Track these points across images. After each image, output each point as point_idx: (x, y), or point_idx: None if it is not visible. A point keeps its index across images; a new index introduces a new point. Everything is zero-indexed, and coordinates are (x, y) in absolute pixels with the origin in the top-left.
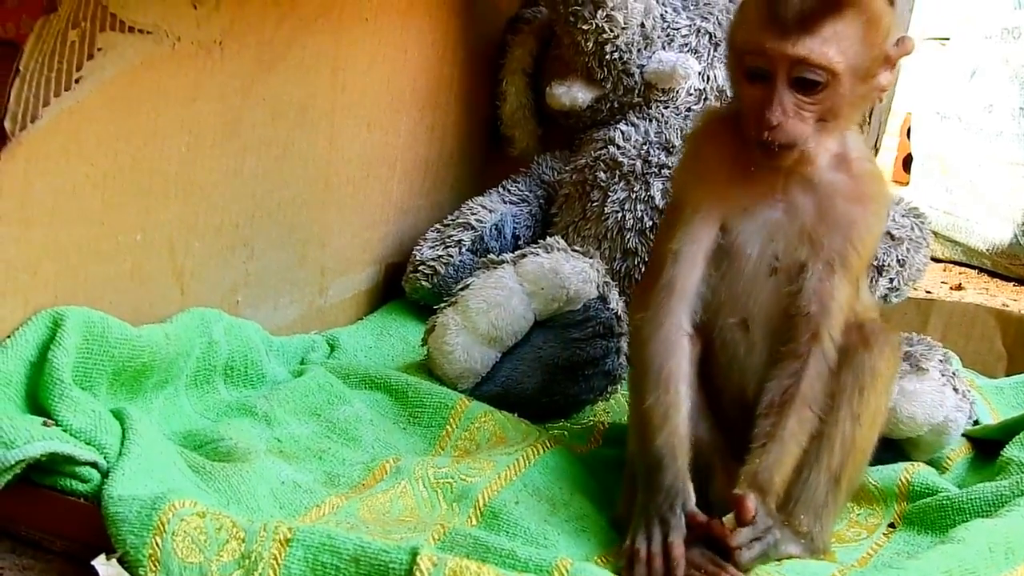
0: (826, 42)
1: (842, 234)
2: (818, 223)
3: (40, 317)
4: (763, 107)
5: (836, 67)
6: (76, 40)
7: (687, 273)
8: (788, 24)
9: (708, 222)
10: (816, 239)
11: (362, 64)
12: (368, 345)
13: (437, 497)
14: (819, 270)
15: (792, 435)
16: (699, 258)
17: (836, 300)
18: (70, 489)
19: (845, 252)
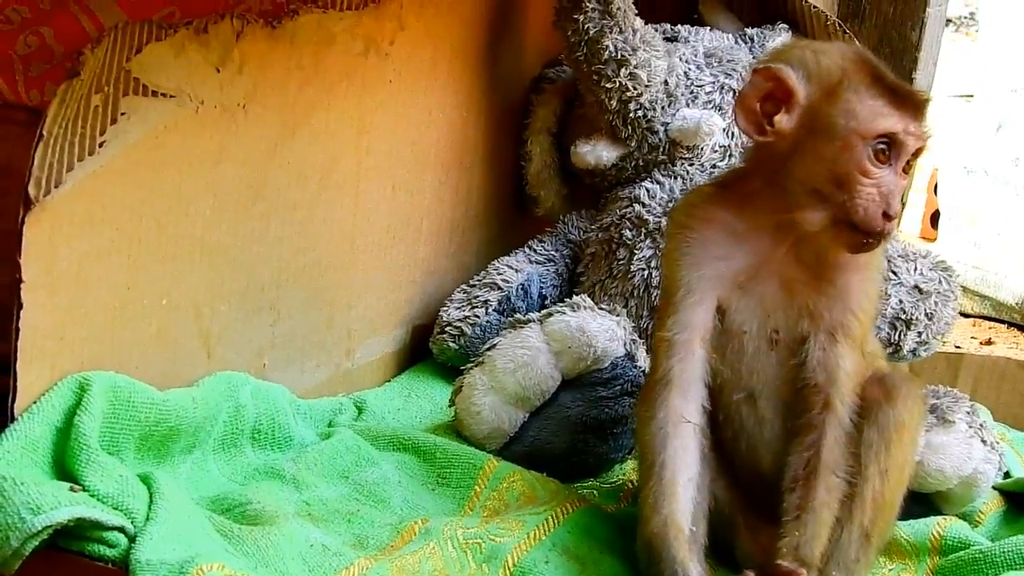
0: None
1: (841, 303)
2: (815, 295)
3: (66, 382)
4: (887, 196)
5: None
6: (99, 104)
7: (683, 363)
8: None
9: (702, 305)
10: (816, 311)
11: (386, 126)
12: (396, 407)
13: (466, 557)
14: (822, 341)
15: (824, 504)
16: (695, 344)
17: (842, 368)
18: (98, 554)
19: (846, 321)
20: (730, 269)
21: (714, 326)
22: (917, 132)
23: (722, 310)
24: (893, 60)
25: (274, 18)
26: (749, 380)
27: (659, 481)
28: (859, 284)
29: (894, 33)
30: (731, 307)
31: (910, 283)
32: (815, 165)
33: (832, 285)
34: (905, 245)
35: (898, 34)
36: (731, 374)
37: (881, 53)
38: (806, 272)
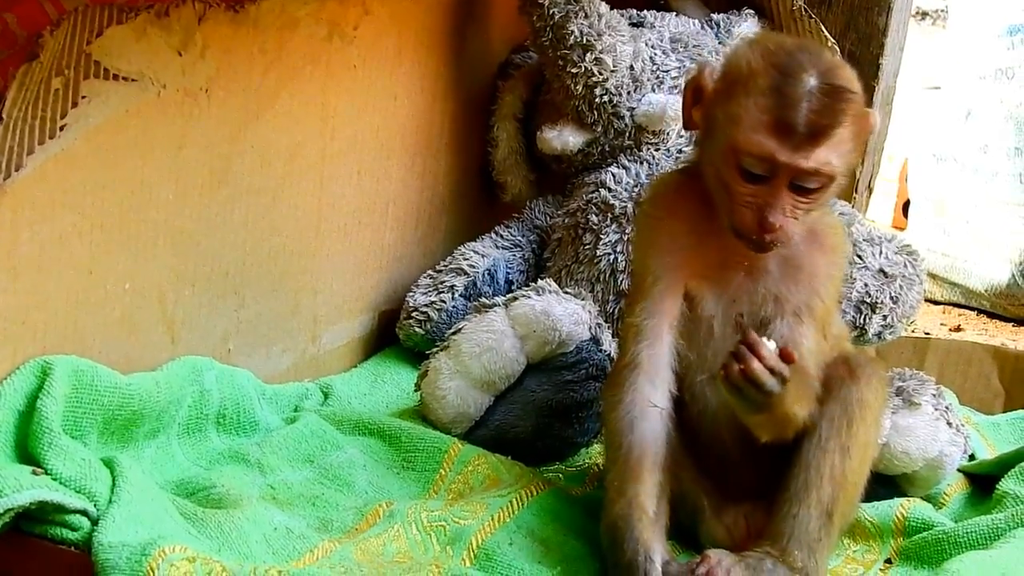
0: (829, 151)
1: (806, 286)
2: (781, 280)
3: (29, 366)
4: (762, 209)
5: (836, 173)
6: (60, 88)
7: (651, 348)
8: (799, 135)
9: (670, 292)
10: (781, 296)
11: (351, 111)
12: (362, 392)
13: (430, 540)
14: (786, 322)
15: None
16: (663, 330)
17: (805, 346)
18: (60, 537)
19: (811, 303)
20: (697, 257)
21: (682, 312)
22: (793, 162)
23: (690, 296)
24: (860, 45)
25: (236, 2)
26: (714, 362)
27: (625, 464)
28: (826, 268)
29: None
30: (699, 294)
31: (875, 267)
32: (707, 165)
33: (799, 269)
34: (871, 229)
35: (865, 20)
36: (697, 357)
37: (848, 39)
38: (772, 259)
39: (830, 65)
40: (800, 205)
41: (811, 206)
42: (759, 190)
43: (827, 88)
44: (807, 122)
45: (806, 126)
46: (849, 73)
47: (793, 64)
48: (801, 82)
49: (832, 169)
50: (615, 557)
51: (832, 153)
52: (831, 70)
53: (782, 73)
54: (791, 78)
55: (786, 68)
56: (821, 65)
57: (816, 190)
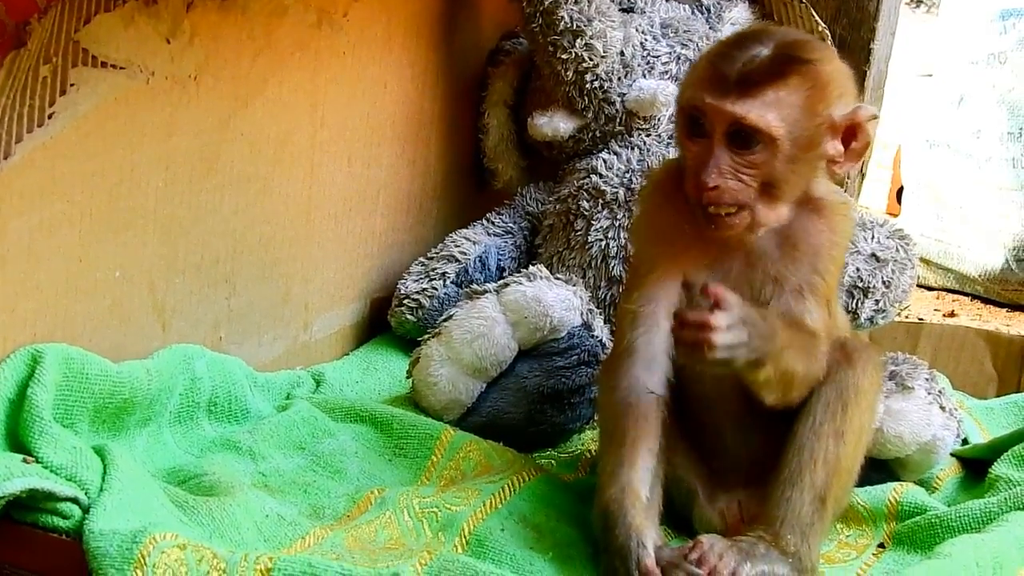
0: (766, 106)
1: (807, 265)
2: (781, 262)
3: (18, 355)
4: (699, 166)
5: (774, 131)
6: (48, 75)
7: (648, 334)
8: (730, 83)
9: (667, 280)
10: (780, 275)
11: (341, 99)
12: (354, 380)
13: (422, 526)
14: (787, 297)
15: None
16: (660, 317)
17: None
18: (51, 525)
19: (812, 280)
20: (695, 245)
21: (680, 300)
22: (719, 104)
23: (688, 285)
24: (851, 30)
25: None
26: None
27: (618, 449)
28: (828, 247)
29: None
30: (697, 282)
31: (867, 251)
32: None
33: (797, 246)
34: (863, 214)
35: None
36: None
37: (839, 24)
38: (771, 243)
39: (799, 41)
40: (742, 169)
41: (756, 171)
42: (700, 149)
43: (776, 54)
44: (740, 73)
45: (738, 75)
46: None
47: (749, 36)
48: (748, 47)
49: (768, 124)
50: (607, 542)
51: (768, 110)
52: (795, 44)
53: (734, 41)
54: (740, 43)
55: (740, 38)
56: (786, 39)
57: (756, 150)
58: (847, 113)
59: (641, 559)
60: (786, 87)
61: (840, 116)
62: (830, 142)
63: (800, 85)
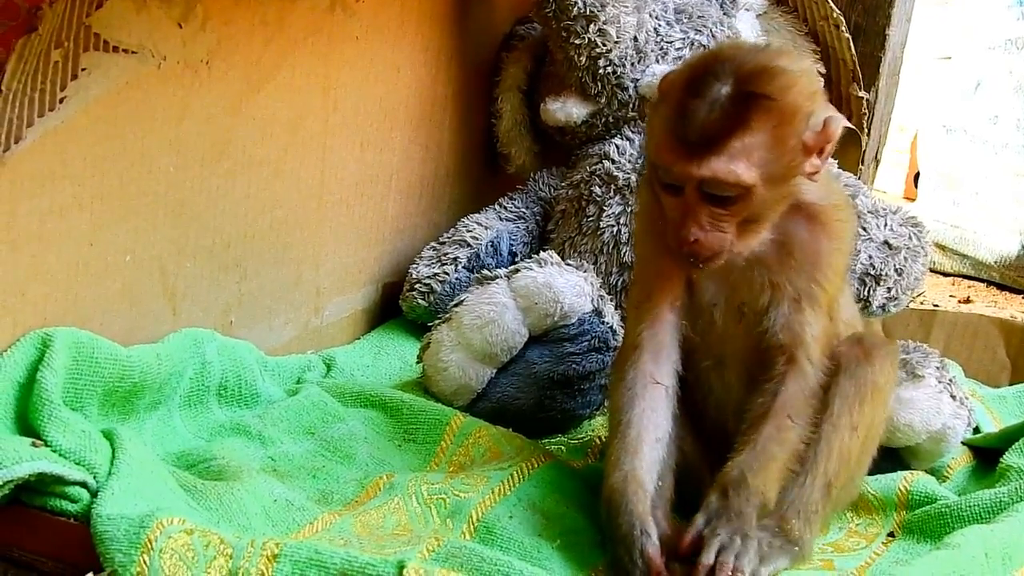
0: (733, 159)
1: (805, 273)
2: (779, 268)
3: (29, 338)
4: (679, 221)
5: (746, 182)
6: (60, 60)
7: (652, 328)
8: (692, 145)
9: (670, 275)
10: (778, 283)
11: (354, 83)
12: (365, 364)
13: (431, 512)
14: (786, 308)
15: (769, 438)
16: (663, 311)
17: (808, 332)
18: (60, 509)
19: (811, 290)
20: None
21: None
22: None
23: (691, 282)
24: (866, 17)
25: None
26: (719, 348)
27: (623, 439)
28: (827, 255)
29: None
30: (700, 282)
31: (880, 239)
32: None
33: (795, 255)
34: (875, 201)
35: None
36: (701, 343)
37: (854, 10)
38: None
39: (756, 70)
40: (722, 218)
41: (735, 218)
42: (678, 203)
43: (736, 95)
44: (700, 131)
45: (699, 135)
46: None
47: (706, 74)
48: (705, 92)
49: (738, 178)
50: (611, 530)
51: (736, 162)
52: (753, 76)
53: (691, 83)
54: (697, 88)
55: (696, 78)
56: (743, 71)
57: (733, 201)
58: (820, 132)
59: (644, 547)
60: (750, 132)
61: (813, 137)
62: (807, 161)
63: (766, 123)
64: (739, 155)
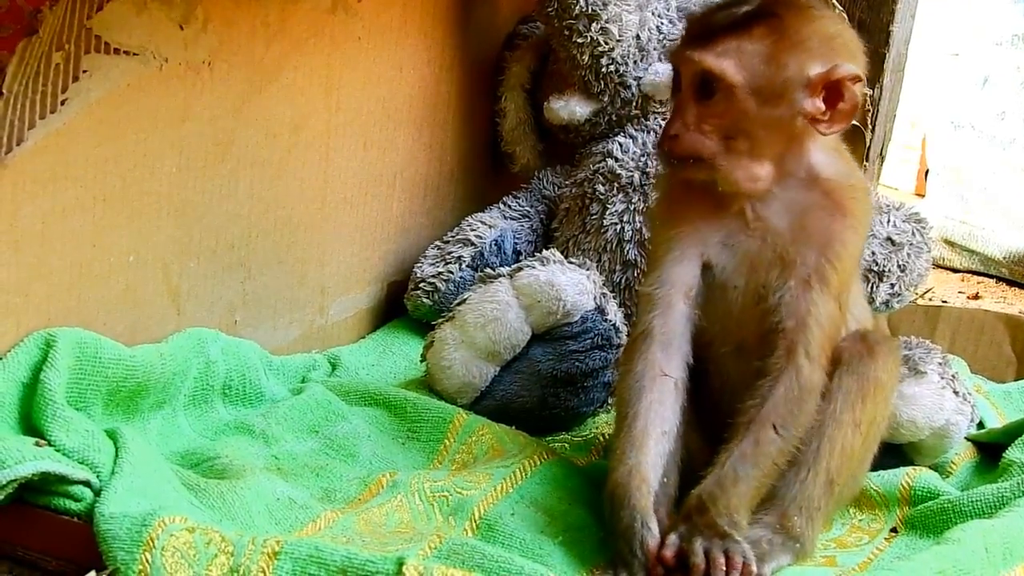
0: (724, 54)
1: (817, 250)
2: (791, 242)
3: (32, 339)
4: (669, 120)
5: (729, 77)
6: (60, 62)
7: (663, 317)
8: (694, 36)
9: (684, 261)
10: (789, 258)
11: (356, 83)
12: (370, 363)
13: (433, 510)
14: (794, 287)
15: (742, 456)
16: (675, 299)
17: (813, 316)
18: (63, 508)
19: (821, 268)
20: (712, 227)
21: (700, 283)
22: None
23: (708, 266)
24: (870, 13)
25: None
26: (738, 334)
27: (629, 432)
28: (839, 232)
29: None
30: (717, 265)
31: (883, 235)
32: None
33: (811, 232)
34: (879, 198)
35: None
36: (720, 329)
37: (857, 5)
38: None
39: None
40: (704, 119)
41: (717, 120)
42: (675, 103)
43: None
44: (705, 25)
45: (701, 28)
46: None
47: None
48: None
49: (722, 71)
50: (613, 524)
51: (725, 58)
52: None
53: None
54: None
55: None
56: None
57: (715, 99)
58: (823, 71)
59: (645, 540)
60: (748, 37)
61: (815, 73)
62: (807, 99)
63: (765, 36)
64: (731, 53)
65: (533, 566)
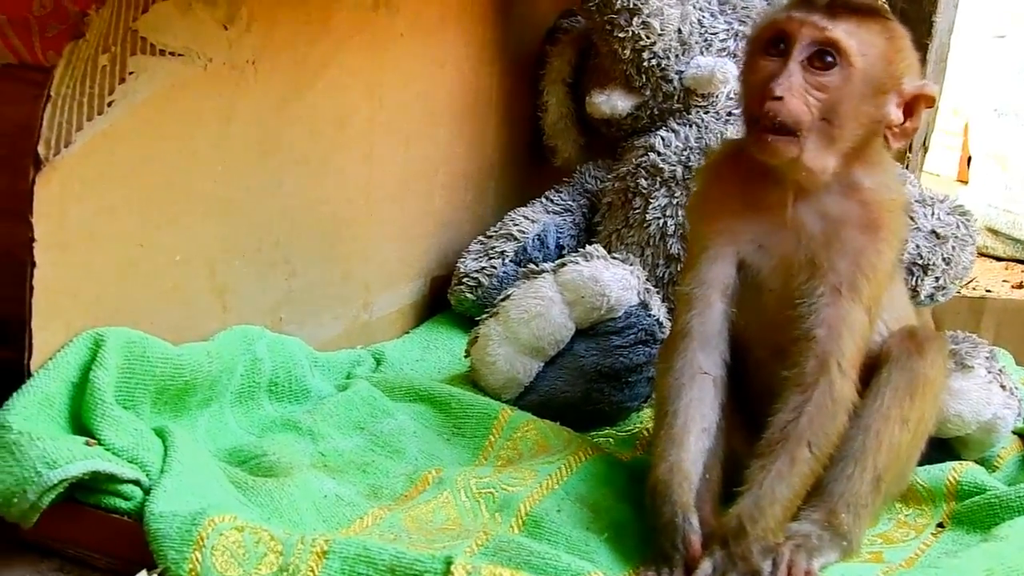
0: (851, 32)
1: (849, 260)
2: (824, 248)
3: (81, 339)
4: (771, 79)
5: (853, 55)
6: (107, 64)
7: (701, 316)
8: (822, 6)
9: (720, 260)
10: (819, 263)
11: (398, 80)
12: (414, 358)
13: (479, 507)
14: (825, 294)
15: (778, 476)
16: (713, 298)
17: (847, 326)
18: (113, 507)
19: (853, 278)
20: (748, 226)
21: (736, 283)
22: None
23: (744, 266)
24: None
25: None
26: (773, 338)
27: (669, 430)
28: (871, 244)
29: None
30: (752, 265)
31: (927, 228)
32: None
33: (839, 238)
34: (923, 190)
35: None
36: (755, 330)
37: None
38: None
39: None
40: (812, 90)
41: (824, 95)
42: (774, 66)
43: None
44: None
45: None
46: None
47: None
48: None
49: (848, 45)
50: (655, 520)
51: (853, 36)
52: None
53: None
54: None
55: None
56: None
57: (831, 72)
58: (916, 85)
59: (687, 535)
60: (869, 28)
61: (910, 85)
62: (895, 108)
63: (882, 33)
64: (856, 35)
65: (579, 563)
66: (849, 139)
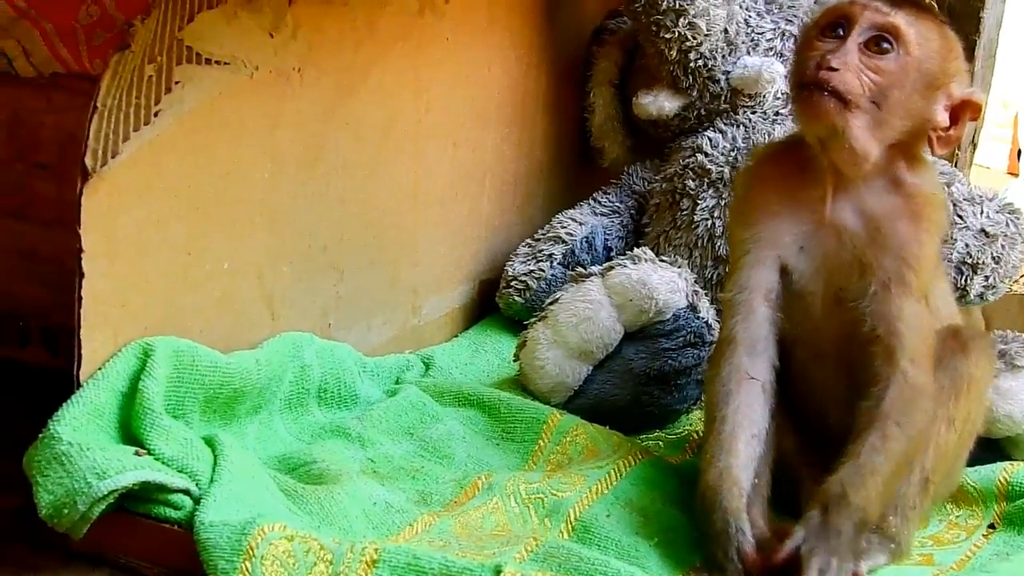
0: (911, 22)
1: (893, 254)
2: (868, 245)
3: (130, 348)
4: (825, 54)
5: (910, 41)
6: (153, 74)
7: (746, 322)
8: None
9: (761, 264)
10: (867, 262)
11: (445, 83)
12: (464, 362)
13: (529, 512)
14: (876, 293)
15: (873, 449)
16: (756, 303)
17: (903, 319)
18: (163, 516)
19: (900, 271)
20: (788, 229)
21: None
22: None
23: (787, 270)
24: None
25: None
26: (816, 340)
27: (718, 435)
28: (914, 235)
29: None
30: (794, 268)
31: (976, 227)
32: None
33: (881, 234)
34: (971, 188)
35: None
36: (801, 333)
37: None
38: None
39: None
40: (866, 71)
41: (878, 77)
42: (832, 45)
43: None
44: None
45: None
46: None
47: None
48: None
49: (907, 36)
50: (706, 527)
51: (912, 27)
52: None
53: None
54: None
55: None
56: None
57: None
58: (965, 91)
59: (741, 544)
60: (926, 24)
61: (958, 90)
62: (942, 111)
63: (937, 32)
64: (916, 25)
65: (630, 569)
66: (896, 128)
